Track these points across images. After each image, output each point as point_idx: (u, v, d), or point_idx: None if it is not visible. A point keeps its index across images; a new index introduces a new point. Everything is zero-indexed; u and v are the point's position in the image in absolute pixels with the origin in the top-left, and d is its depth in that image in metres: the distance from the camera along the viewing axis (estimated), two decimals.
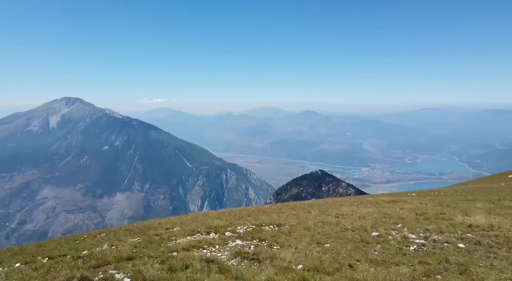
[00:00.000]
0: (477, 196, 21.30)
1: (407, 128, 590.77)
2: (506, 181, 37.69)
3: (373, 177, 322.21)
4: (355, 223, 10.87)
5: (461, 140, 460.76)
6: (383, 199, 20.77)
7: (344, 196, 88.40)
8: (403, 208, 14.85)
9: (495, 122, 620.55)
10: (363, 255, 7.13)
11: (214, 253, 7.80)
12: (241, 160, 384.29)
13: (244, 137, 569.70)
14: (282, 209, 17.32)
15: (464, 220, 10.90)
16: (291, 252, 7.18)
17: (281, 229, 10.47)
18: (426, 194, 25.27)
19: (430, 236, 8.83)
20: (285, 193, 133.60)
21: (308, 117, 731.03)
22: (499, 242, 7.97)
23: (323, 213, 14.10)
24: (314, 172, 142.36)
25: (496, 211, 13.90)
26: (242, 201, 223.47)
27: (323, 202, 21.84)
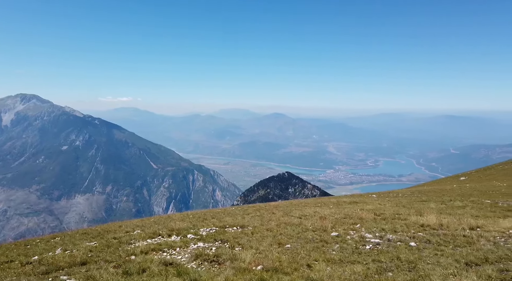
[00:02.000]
0: (431, 197, 22.55)
1: (370, 131, 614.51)
2: (458, 183, 40.25)
3: (338, 179, 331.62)
4: (316, 224, 11.13)
5: (419, 144, 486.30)
6: (344, 200, 21.41)
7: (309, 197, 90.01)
8: (363, 209, 15.38)
9: (450, 128, 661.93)
10: (321, 255, 7.33)
11: (174, 256, 7.67)
12: (209, 162, 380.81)
13: (212, 138, 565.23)
14: (247, 210, 17.35)
15: (417, 220, 11.50)
16: (251, 253, 7.22)
17: (244, 230, 10.50)
18: (385, 196, 26.28)
19: (385, 236, 9.24)
20: (253, 195, 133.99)
21: (276, 119, 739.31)
22: (446, 240, 8.50)
23: (286, 214, 14.29)
24: (281, 173, 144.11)
25: (447, 211, 14.81)
26: (209, 203, 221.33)
27: (288, 204, 22.12)
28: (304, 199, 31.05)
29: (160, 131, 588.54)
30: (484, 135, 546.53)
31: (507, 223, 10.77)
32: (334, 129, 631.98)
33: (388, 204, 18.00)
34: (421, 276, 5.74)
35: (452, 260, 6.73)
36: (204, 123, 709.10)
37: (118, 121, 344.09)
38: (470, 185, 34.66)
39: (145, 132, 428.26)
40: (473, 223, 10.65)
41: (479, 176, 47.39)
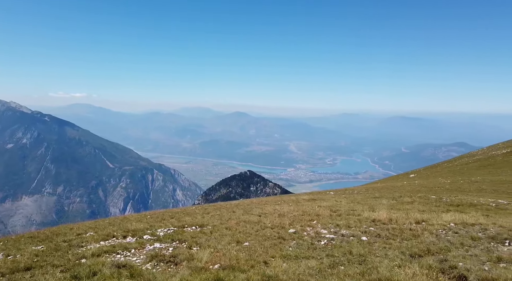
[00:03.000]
0: (383, 194, 23.75)
1: (329, 131, 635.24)
2: (408, 180, 42.81)
3: (298, 177, 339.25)
4: (275, 221, 11.32)
5: (374, 143, 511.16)
6: (303, 198, 21.93)
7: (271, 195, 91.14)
8: (320, 206, 15.86)
9: (402, 128, 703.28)
10: (278, 251, 7.48)
11: (128, 258, 7.43)
12: (169, 161, 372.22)
13: (173, 137, 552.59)
14: (207, 210, 17.20)
15: (369, 216, 12.08)
16: (209, 252, 7.19)
17: (203, 230, 10.42)
18: (342, 193, 27.28)
19: (339, 231, 9.62)
20: (214, 194, 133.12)
21: (238, 118, 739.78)
22: (394, 234, 9.04)
23: (247, 213, 14.37)
24: (243, 172, 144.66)
25: (397, 207, 15.70)
26: (169, 202, 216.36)
27: (249, 202, 22.23)
28: (265, 197, 31.45)
29: (117, 129, 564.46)
30: (431, 135, 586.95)
31: (449, 216, 11.65)
32: (296, 129, 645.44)
33: (344, 201, 18.68)
34: (370, 268, 6.07)
35: (398, 252, 7.17)
36: (164, 121, 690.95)
37: (71, 118, 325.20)
38: (418, 182, 36.98)
39: (101, 129, 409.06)
40: (419, 218, 11.40)
41: (426, 173, 50.73)
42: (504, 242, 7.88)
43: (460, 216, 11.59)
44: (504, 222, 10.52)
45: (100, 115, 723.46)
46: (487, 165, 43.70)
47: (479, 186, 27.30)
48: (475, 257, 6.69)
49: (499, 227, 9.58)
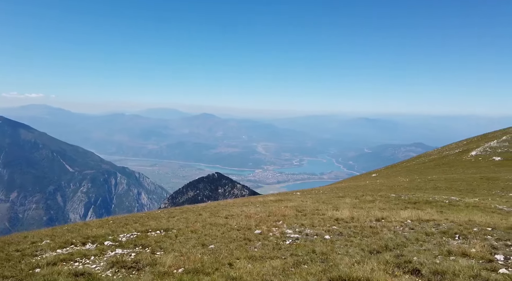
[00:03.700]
0: (347, 193, 24.53)
1: (296, 132, 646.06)
2: (370, 180, 44.56)
3: (266, 178, 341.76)
4: (242, 223, 11.35)
5: (339, 144, 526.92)
6: (270, 199, 22.13)
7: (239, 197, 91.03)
8: (287, 206, 16.09)
9: (365, 129, 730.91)
10: (243, 253, 7.52)
11: (87, 265, 7.12)
12: (134, 163, 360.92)
13: (137, 139, 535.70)
14: (173, 213, 16.89)
15: (333, 215, 12.43)
16: (173, 256, 7.08)
17: (168, 233, 10.22)
18: (308, 193, 27.83)
19: (304, 231, 9.83)
20: (181, 197, 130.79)
21: (206, 119, 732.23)
22: (356, 232, 9.39)
23: (213, 215, 14.28)
24: (211, 174, 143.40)
25: (359, 205, 16.27)
26: (134, 207, 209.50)
27: (216, 204, 22.09)
28: (233, 199, 31.35)
29: (78, 131, 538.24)
30: (391, 136, 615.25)
31: (406, 214, 12.26)
32: (263, 130, 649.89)
33: (309, 201, 19.05)
34: (331, 266, 6.27)
35: (359, 249, 7.47)
36: (128, 123, 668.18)
37: (26, 119, 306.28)
38: (380, 181, 38.60)
39: (60, 132, 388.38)
40: (379, 215, 11.90)
41: (387, 172, 53.11)
42: (454, 236, 8.44)
43: (416, 213, 12.24)
44: (455, 218, 11.25)
45: (59, 117, 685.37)
46: (441, 164, 46.54)
47: (435, 184, 29.00)
48: (428, 251, 7.11)
49: (451, 223, 10.23)
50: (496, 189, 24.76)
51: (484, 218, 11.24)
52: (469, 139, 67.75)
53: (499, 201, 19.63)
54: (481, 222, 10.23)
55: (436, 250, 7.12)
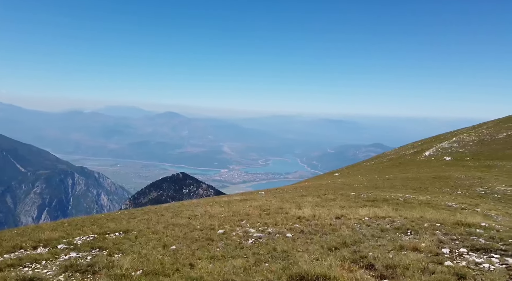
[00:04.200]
0: (310, 192, 25.11)
1: (262, 132, 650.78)
2: (332, 179, 45.92)
3: (232, 178, 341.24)
4: (205, 223, 11.26)
5: (303, 144, 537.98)
6: (236, 198, 22.11)
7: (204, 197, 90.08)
8: (251, 206, 16.17)
9: (328, 130, 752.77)
10: (205, 253, 7.47)
11: (38, 270, 6.71)
12: (93, 163, 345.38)
13: (97, 138, 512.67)
14: (134, 214, 16.38)
15: (296, 213, 12.68)
16: (132, 259, 6.87)
17: (128, 235, 9.90)
18: (273, 192, 28.13)
19: (267, 229, 9.94)
20: (144, 197, 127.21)
21: (170, 118, 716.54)
22: (316, 229, 9.65)
23: (176, 216, 14.03)
24: (176, 174, 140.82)
25: (321, 204, 16.72)
26: (93, 208, 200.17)
27: (179, 204, 21.69)
28: (198, 199, 30.94)
29: (30, 129, 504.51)
30: (353, 136, 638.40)
31: (364, 211, 12.79)
32: (229, 130, 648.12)
33: (273, 200, 19.28)
34: (291, 263, 6.41)
35: (318, 246, 7.69)
36: (87, 120, 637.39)
37: None
38: (341, 180, 39.89)
39: (10, 129, 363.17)
40: (339, 213, 12.31)
41: (348, 172, 55.01)
42: (406, 232, 8.94)
43: (373, 210, 12.81)
44: (408, 214, 11.91)
45: (9, 113, 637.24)
46: (398, 164, 49.01)
47: (392, 182, 30.47)
48: (383, 246, 7.48)
49: (404, 219, 10.82)
50: (447, 187, 26.52)
51: (434, 215, 12.01)
52: (423, 140, 71.92)
53: (449, 199, 21.06)
54: (431, 218, 10.91)
55: (390, 245, 7.50)
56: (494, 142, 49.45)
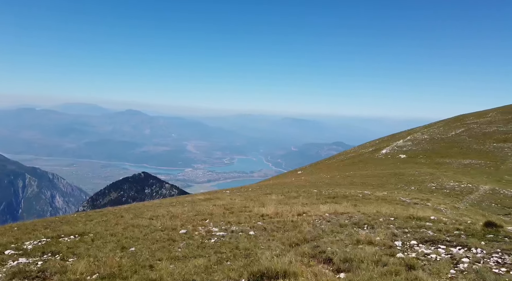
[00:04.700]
0: (274, 190, 25.45)
1: (226, 131, 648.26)
2: (296, 177, 46.87)
3: (196, 177, 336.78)
4: (167, 223, 11.03)
5: (268, 143, 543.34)
6: (199, 198, 21.88)
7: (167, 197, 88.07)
8: (215, 205, 16.08)
9: (292, 128, 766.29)
10: (166, 254, 7.33)
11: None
12: (47, 163, 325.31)
13: (52, 137, 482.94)
14: (91, 216, 15.66)
15: (259, 211, 12.79)
16: (87, 262, 6.56)
17: (84, 238, 9.45)
18: (237, 191, 28.16)
19: (230, 228, 9.94)
20: (103, 199, 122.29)
21: (131, 116, 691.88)
22: (279, 227, 9.81)
23: (137, 217, 13.61)
24: (137, 174, 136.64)
25: (284, 201, 17.01)
26: (46, 211, 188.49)
27: (141, 205, 21.08)
28: (160, 199, 30.20)
29: None
30: (316, 135, 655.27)
31: (325, 208, 13.19)
32: (193, 128, 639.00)
33: (238, 199, 19.31)
34: (253, 260, 6.48)
35: (280, 243, 7.83)
36: (40, 118, 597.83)
37: None
38: (304, 178, 40.83)
39: None
40: (301, 210, 12.59)
41: (311, 170, 56.42)
42: (363, 227, 9.36)
43: (333, 207, 13.25)
44: (366, 210, 12.46)
45: None
46: (357, 161, 51.02)
47: (351, 180, 31.68)
48: (341, 241, 7.78)
49: (362, 214, 11.31)
50: (402, 183, 28.05)
51: (389, 210, 12.66)
52: (380, 138, 75.44)
53: (403, 194, 22.30)
54: (386, 213, 11.50)
55: (348, 240, 7.82)
56: (443, 140, 53.03)
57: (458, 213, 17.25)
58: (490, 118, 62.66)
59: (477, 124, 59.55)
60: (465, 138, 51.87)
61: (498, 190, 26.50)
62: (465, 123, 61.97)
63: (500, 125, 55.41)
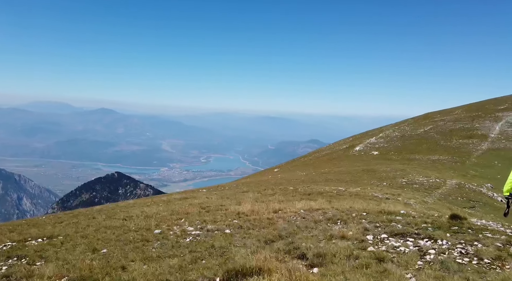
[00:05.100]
0: (251, 188, 25.49)
1: (203, 129, 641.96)
2: (272, 174, 47.17)
3: (172, 177, 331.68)
4: (141, 224, 10.83)
5: (245, 141, 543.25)
6: (175, 197, 21.60)
7: (142, 197, 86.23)
8: (191, 204, 15.93)
9: (268, 126, 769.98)
10: (139, 254, 7.20)
11: None
12: (12, 164, 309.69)
13: (18, 136, 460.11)
14: (61, 218, 15.12)
15: (235, 209, 12.79)
16: (56, 266, 6.34)
17: (52, 241, 9.11)
18: (214, 189, 27.99)
19: (205, 227, 9.89)
20: (74, 200, 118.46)
21: (104, 115, 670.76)
22: (254, 224, 9.85)
23: (109, 218, 13.28)
24: (110, 174, 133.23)
25: (261, 199, 17.09)
26: (13, 214, 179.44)
27: (114, 206, 20.53)
28: (135, 199, 29.55)
29: None
30: (292, 133, 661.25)
31: (301, 204, 13.38)
32: (169, 127, 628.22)
33: (214, 197, 19.23)
34: (228, 258, 6.49)
35: (255, 240, 7.88)
36: (6, 117, 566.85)
37: None
38: (281, 175, 41.17)
39: None
40: (277, 207, 12.70)
41: (288, 167, 56.95)
42: (337, 222, 9.57)
43: (309, 203, 13.46)
44: (339, 206, 12.74)
45: None
46: (332, 158, 52.03)
47: (326, 176, 32.26)
48: (315, 237, 7.92)
49: (336, 210, 11.55)
50: (374, 179, 28.88)
51: (362, 205, 13.01)
52: (354, 136, 77.27)
53: (376, 190, 22.97)
54: (359, 208, 11.82)
55: (321, 235, 7.98)
56: (413, 137, 55.06)
57: (426, 207, 17.98)
58: (456, 115, 65.67)
59: (444, 121, 62.22)
60: (433, 135, 54.08)
61: (463, 184, 27.88)
62: (433, 121, 64.60)
63: (465, 122, 58.22)
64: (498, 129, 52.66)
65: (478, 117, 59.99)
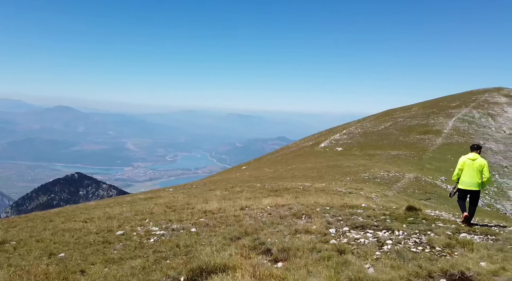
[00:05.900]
0: (218, 186, 25.37)
1: (169, 128, 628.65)
2: (240, 172, 47.23)
3: (137, 176, 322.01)
4: (102, 225, 10.44)
5: (212, 139, 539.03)
6: (140, 197, 21.02)
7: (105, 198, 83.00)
8: (157, 204, 15.59)
9: (236, 124, 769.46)
10: (100, 257, 6.94)
11: None
12: None
13: None
14: (15, 222, 14.18)
15: (202, 207, 12.69)
16: (7, 273, 5.94)
17: (4, 247, 8.54)
18: (181, 188, 27.52)
19: (171, 226, 9.73)
20: (30, 203, 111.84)
21: (62, 113, 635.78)
22: (221, 222, 9.84)
23: (69, 220, 12.66)
24: (70, 175, 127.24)
25: (228, 197, 17.06)
26: None
27: (74, 208, 19.59)
28: (97, 201, 28.39)
29: None
30: (259, 131, 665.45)
31: (267, 201, 13.53)
32: (133, 125, 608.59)
33: (181, 196, 18.94)
34: (193, 257, 6.44)
35: (221, 238, 7.87)
36: None
37: None
38: (249, 173, 41.32)
39: None
40: (244, 204, 12.76)
41: (255, 165, 57.25)
42: (302, 217, 9.79)
43: (275, 200, 13.64)
44: (305, 201, 13.04)
45: None
46: (299, 155, 53.01)
47: (293, 173, 32.82)
48: (280, 232, 8.06)
49: (301, 205, 11.81)
50: (338, 175, 29.78)
51: (327, 200, 13.40)
52: (320, 133, 79.18)
53: (340, 185, 23.71)
54: (324, 203, 12.16)
55: (286, 231, 8.13)
56: (374, 133, 57.38)
57: (387, 200, 18.84)
58: (413, 112, 69.26)
59: (403, 118, 65.39)
60: (393, 131, 56.67)
61: (420, 178, 29.50)
62: (393, 117, 67.69)
63: (422, 119, 61.56)
64: (451, 125, 56.19)
65: (433, 114, 63.66)
